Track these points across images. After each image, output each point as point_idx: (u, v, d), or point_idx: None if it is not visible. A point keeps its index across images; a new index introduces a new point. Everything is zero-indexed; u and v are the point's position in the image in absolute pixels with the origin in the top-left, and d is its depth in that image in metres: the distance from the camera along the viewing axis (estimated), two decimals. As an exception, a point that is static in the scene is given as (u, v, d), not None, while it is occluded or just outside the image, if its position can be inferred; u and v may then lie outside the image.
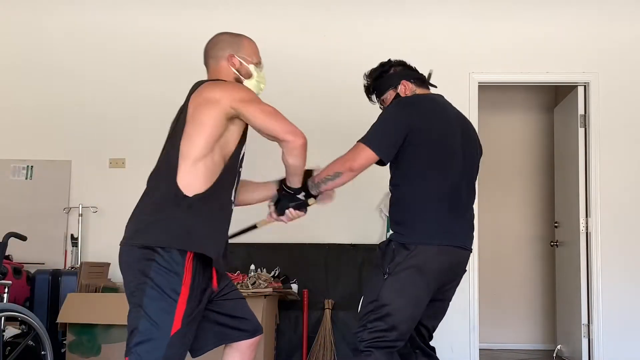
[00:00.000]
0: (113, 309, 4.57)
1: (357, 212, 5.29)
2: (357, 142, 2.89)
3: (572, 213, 5.57)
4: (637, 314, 5.22)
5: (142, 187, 5.82)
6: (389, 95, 3.07)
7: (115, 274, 5.22)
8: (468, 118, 3.17)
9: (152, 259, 2.36)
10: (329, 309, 5.08)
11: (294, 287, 5.06)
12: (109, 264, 5.13)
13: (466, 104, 5.16)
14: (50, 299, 4.85)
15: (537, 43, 5.41)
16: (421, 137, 2.83)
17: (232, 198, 2.59)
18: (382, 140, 2.84)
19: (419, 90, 3.05)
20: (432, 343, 3.03)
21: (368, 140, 2.85)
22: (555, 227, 6.23)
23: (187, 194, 2.43)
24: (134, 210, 2.57)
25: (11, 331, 3.95)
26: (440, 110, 2.94)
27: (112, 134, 5.52)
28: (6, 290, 3.82)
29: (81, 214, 5.37)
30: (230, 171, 2.54)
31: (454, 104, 3.08)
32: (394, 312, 2.74)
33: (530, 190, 6.94)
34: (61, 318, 4.56)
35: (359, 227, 5.32)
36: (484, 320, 5.71)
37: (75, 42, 5.58)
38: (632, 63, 5.39)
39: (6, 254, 4.08)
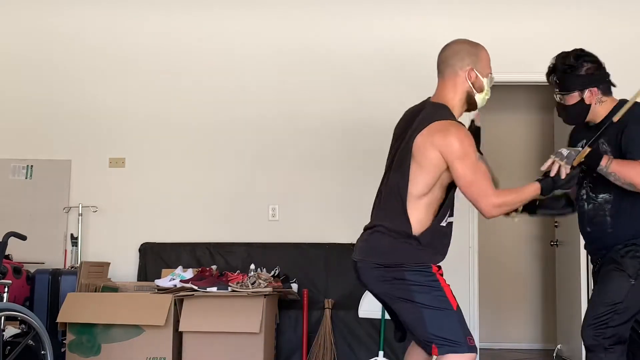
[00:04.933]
0: (113, 309, 4.58)
1: (357, 212, 5.28)
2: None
3: (572, 213, 5.56)
4: None
5: (142, 186, 5.85)
6: (572, 97, 3.08)
7: (115, 274, 5.23)
8: (468, 118, 3.18)
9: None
10: (329, 308, 5.07)
11: (294, 286, 5.06)
12: (108, 264, 5.14)
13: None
14: (50, 299, 4.85)
15: (537, 43, 5.41)
16: None
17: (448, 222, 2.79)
18: None
19: (605, 99, 3.07)
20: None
21: None
22: (555, 226, 6.23)
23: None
24: None
25: (11, 331, 3.95)
26: None
27: (112, 134, 5.52)
28: (6, 289, 3.81)
29: (81, 214, 5.37)
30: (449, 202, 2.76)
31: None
32: (635, 313, 2.90)
33: (530, 190, 6.93)
34: (61, 318, 4.56)
35: (359, 227, 5.30)
36: (484, 320, 5.72)
37: (76, 42, 5.58)
38: (632, 63, 5.38)
39: (6, 253, 4.07)
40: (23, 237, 4.02)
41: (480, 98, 2.86)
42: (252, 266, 4.97)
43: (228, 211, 5.43)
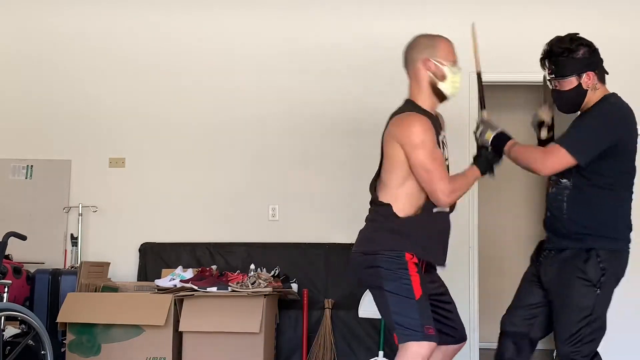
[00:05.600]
0: (113, 309, 4.58)
1: (357, 211, 5.28)
2: (556, 144, 2.88)
3: (572, 213, 5.55)
4: (636, 313, 5.22)
5: (142, 186, 5.84)
6: (570, 82, 2.98)
7: (115, 274, 5.23)
8: (468, 118, 3.19)
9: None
10: (329, 308, 5.08)
11: (294, 286, 5.06)
12: (108, 264, 5.14)
13: (466, 104, 5.15)
14: (50, 299, 4.85)
15: (536, 43, 5.38)
16: (623, 150, 2.86)
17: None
18: (585, 148, 2.83)
19: (599, 86, 2.97)
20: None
21: (569, 145, 2.84)
22: (555, 226, 6.22)
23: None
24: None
25: (11, 330, 3.96)
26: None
27: (111, 134, 5.52)
28: (6, 289, 3.82)
29: (81, 214, 5.37)
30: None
31: (454, 104, 3.08)
32: (604, 322, 2.87)
33: (530, 189, 6.93)
34: (61, 318, 4.56)
35: (358, 226, 5.30)
36: (484, 320, 5.71)
37: (76, 42, 5.58)
38: (632, 63, 5.38)
39: (6, 253, 4.08)
40: (23, 237, 4.02)
41: (445, 86, 2.88)
42: (252, 266, 4.97)
43: (228, 211, 5.43)
